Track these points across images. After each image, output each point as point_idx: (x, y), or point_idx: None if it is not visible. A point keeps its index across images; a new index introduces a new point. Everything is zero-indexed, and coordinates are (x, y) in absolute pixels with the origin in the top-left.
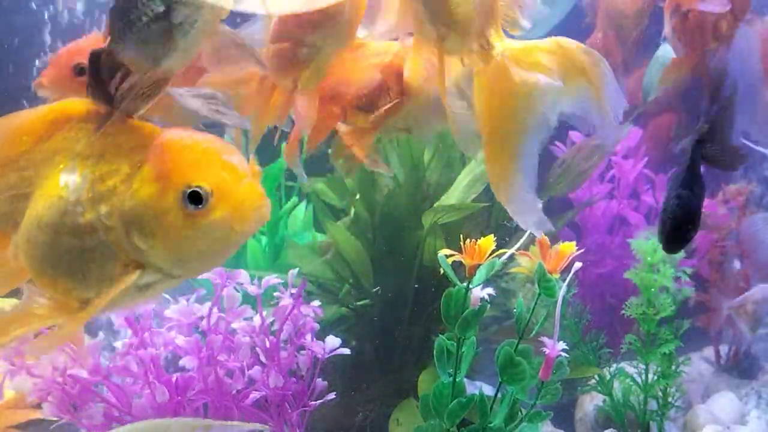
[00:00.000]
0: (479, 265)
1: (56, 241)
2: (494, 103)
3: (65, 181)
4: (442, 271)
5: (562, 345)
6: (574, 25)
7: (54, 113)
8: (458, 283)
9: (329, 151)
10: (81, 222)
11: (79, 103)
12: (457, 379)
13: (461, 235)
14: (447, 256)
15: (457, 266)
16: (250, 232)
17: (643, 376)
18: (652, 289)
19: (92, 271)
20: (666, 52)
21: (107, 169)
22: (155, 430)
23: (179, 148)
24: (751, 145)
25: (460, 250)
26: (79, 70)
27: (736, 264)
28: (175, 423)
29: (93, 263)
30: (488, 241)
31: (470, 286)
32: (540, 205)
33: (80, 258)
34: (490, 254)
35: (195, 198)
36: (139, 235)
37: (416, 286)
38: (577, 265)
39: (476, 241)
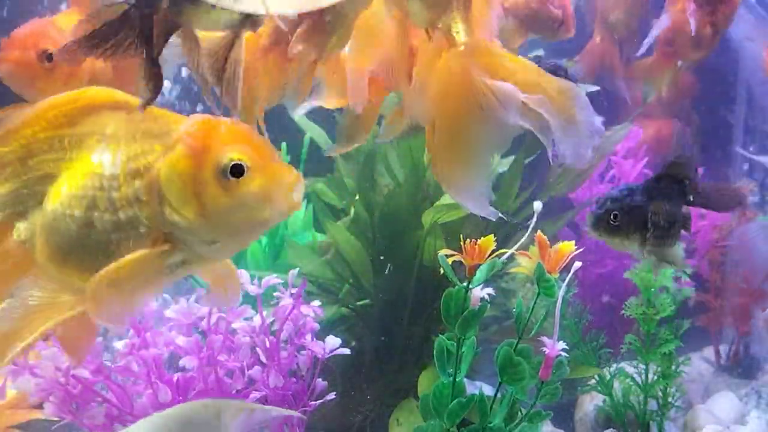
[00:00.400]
0: (479, 265)
1: (89, 217)
2: (444, 89)
3: (98, 160)
4: (442, 271)
5: (561, 345)
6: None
7: (83, 99)
8: (458, 283)
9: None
10: (116, 197)
11: (106, 91)
12: (457, 379)
13: (461, 235)
14: (447, 256)
15: (458, 266)
16: (282, 208)
17: (643, 376)
18: (652, 289)
19: (124, 248)
20: None
21: (141, 149)
22: (207, 411)
23: (213, 127)
24: (748, 155)
25: (460, 250)
26: (47, 57)
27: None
28: (224, 404)
29: (125, 239)
30: (488, 241)
31: (470, 286)
32: (485, 196)
33: (113, 234)
34: (490, 254)
35: (233, 170)
36: (174, 209)
37: (416, 286)
38: (577, 264)
39: (476, 241)
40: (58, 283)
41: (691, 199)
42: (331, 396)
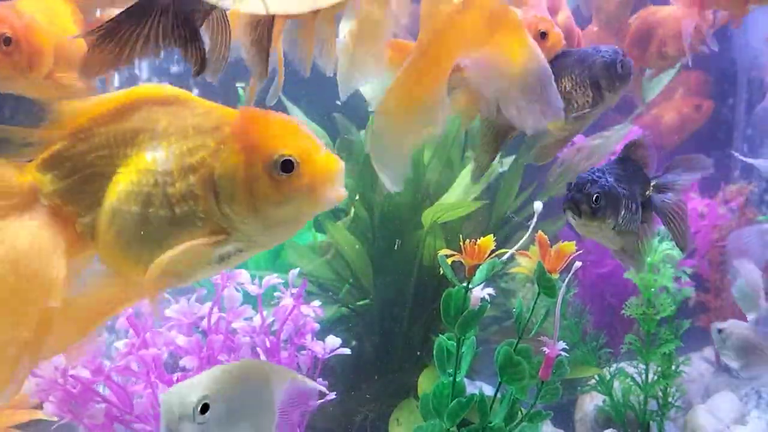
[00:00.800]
0: (478, 265)
1: (146, 213)
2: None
3: (152, 157)
4: (442, 271)
5: (562, 345)
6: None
7: (133, 96)
8: (457, 283)
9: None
10: (171, 192)
11: (157, 87)
12: (457, 379)
13: (461, 235)
14: (447, 257)
15: (458, 266)
16: (329, 199)
17: (643, 376)
18: (652, 289)
19: (181, 241)
20: None
21: (193, 145)
22: (261, 372)
23: (263, 121)
24: (741, 157)
25: (460, 250)
26: (5, 41)
27: None
28: (275, 368)
29: (182, 232)
30: (488, 241)
31: (470, 286)
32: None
33: (170, 227)
34: (490, 254)
35: (283, 165)
36: (228, 203)
37: (416, 286)
38: (577, 264)
39: (476, 240)
40: (115, 276)
41: (649, 191)
42: (332, 396)
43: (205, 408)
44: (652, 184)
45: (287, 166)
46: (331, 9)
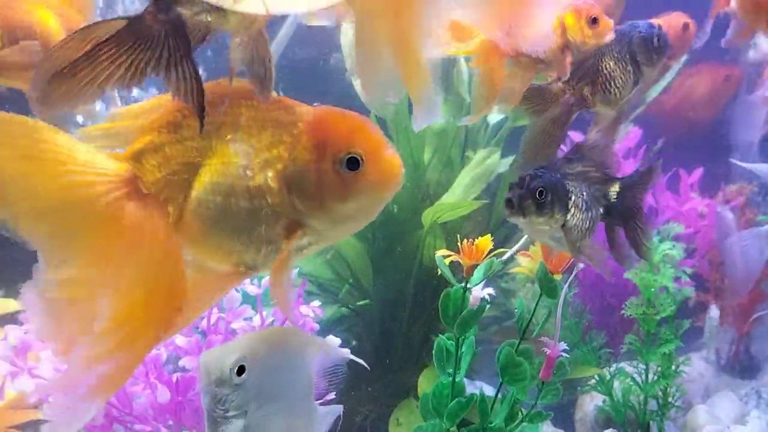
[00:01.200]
0: (476, 265)
1: (229, 204)
2: None
3: (235, 150)
4: (439, 271)
5: (563, 345)
6: None
7: (218, 88)
8: (455, 283)
9: None
10: (251, 185)
11: (237, 80)
12: (456, 379)
13: (460, 235)
14: (444, 257)
15: (458, 266)
16: (390, 197)
17: (643, 376)
18: (652, 289)
19: (258, 232)
20: None
21: (272, 140)
22: (298, 340)
23: (335, 118)
24: (739, 162)
25: (459, 250)
26: None
27: None
28: (310, 338)
29: (260, 225)
30: (485, 241)
31: (468, 286)
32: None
33: (249, 220)
34: (488, 254)
35: (349, 163)
36: (299, 198)
37: (416, 286)
38: (580, 265)
39: (473, 240)
40: (199, 265)
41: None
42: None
43: (241, 370)
44: (615, 187)
45: (353, 163)
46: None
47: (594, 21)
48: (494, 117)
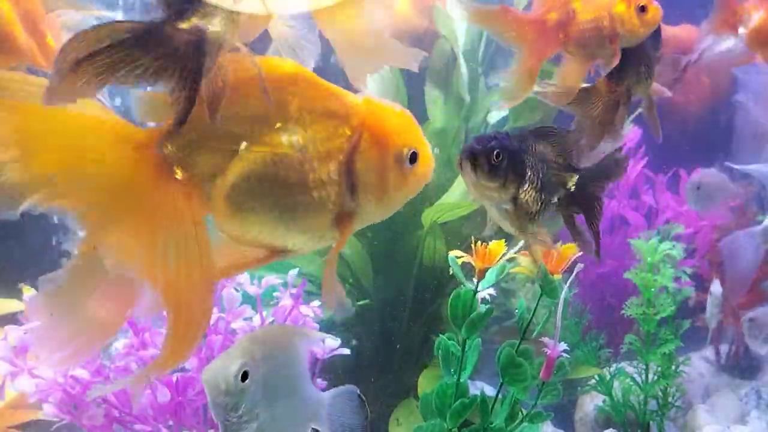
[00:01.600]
0: (488, 268)
1: (278, 193)
2: None
3: (287, 140)
4: (442, 272)
5: (563, 345)
6: None
7: (268, 71)
8: (466, 285)
9: None
10: (311, 176)
11: (278, 63)
12: (461, 380)
13: (461, 236)
14: (457, 258)
15: (463, 266)
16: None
17: (643, 376)
18: (652, 289)
19: (306, 221)
20: None
21: (331, 131)
22: (289, 335)
23: (389, 114)
24: (735, 165)
25: (460, 251)
26: None
27: None
28: (298, 330)
29: (309, 214)
30: (500, 245)
31: (479, 289)
32: None
33: (299, 209)
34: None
35: (411, 157)
36: (362, 190)
37: (416, 286)
38: (579, 266)
39: (475, 240)
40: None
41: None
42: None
43: (245, 376)
44: (574, 178)
45: (414, 157)
46: None
47: (643, 9)
48: (495, 116)
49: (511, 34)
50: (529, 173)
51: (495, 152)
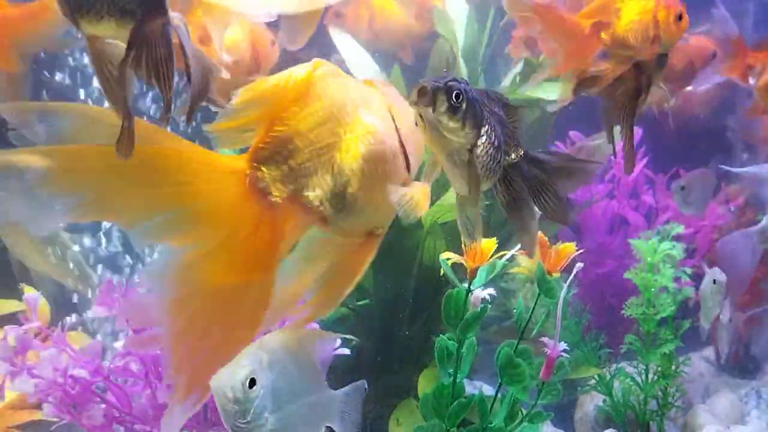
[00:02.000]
0: (479, 267)
1: (382, 177)
2: None
3: (373, 125)
4: (442, 272)
5: (563, 345)
6: None
7: (311, 77)
8: (459, 285)
9: None
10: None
11: (316, 63)
12: (457, 380)
13: (461, 236)
14: (447, 259)
15: (458, 266)
16: None
17: (643, 376)
18: (652, 289)
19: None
20: None
21: (387, 124)
22: (299, 339)
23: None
24: (729, 168)
25: (460, 251)
26: None
27: None
28: (307, 332)
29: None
30: (490, 243)
31: (471, 288)
32: None
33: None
34: (491, 256)
35: None
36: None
37: (416, 286)
38: (579, 265)
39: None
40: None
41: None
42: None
43: (252, 382)
44: (521, 152)
45: None
46: None
47: (680, 17)
48: None
49: (553, 33)
50: (486, 127)
51: (455, 92)
